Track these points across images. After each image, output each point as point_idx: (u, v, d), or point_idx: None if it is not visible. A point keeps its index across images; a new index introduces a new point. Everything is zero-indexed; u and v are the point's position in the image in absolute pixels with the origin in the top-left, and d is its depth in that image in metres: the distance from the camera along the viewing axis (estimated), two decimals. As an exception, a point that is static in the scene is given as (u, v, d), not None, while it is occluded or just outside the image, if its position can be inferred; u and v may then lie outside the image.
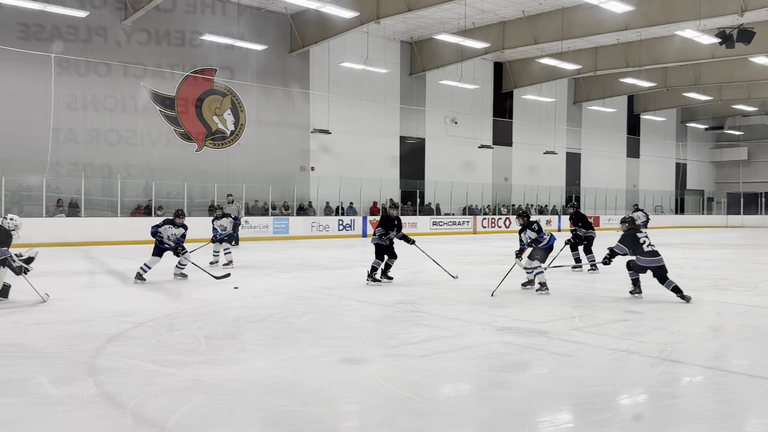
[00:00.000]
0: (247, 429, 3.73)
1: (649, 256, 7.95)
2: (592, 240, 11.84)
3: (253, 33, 20.87)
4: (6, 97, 17.15)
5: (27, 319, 6.60)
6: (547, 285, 8.66)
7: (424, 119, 27.25)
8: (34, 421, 3.65)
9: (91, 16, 17.71)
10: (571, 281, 10.21)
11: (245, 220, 19.32)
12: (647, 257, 7.96)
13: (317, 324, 6.65)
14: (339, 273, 11.33)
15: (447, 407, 4.17)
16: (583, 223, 11.82)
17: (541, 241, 8.86)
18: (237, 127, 21.84)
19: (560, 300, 8.22)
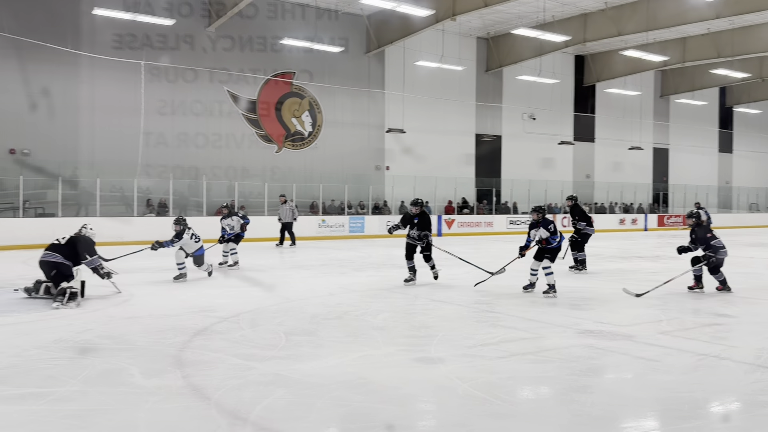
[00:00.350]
0: (326, 424, 3.79)
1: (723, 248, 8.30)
2: (588, 237, 11.42)
3: (330, 35, 21.23)
4: (101, 103, 18.26)
5: (120, 313, 7.00)
6: (555, 288, 8.25)
7: (501, 116, 26.82)
8: (126, 411, 3.86)
9: (178, 24, 18.56)
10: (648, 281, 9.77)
11: (322, 220, 19.70)
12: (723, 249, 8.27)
13: (393, 322, 6.69)
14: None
15: (525, 410, 4.09)
16: (581, 217, 11.38)
17: (551, 243, 8.46)
18: (314, 128, 22.29)
19: (646, 302, 7.87)
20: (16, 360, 4.94)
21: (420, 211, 9.56)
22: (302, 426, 3.68)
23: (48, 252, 7.58)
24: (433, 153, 24.35)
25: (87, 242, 7.81)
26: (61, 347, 5.37)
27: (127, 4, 17.42)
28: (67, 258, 7.53)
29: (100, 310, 7.10)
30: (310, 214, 21.07)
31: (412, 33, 20.96)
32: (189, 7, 19.15)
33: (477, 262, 10.83)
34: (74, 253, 7.61)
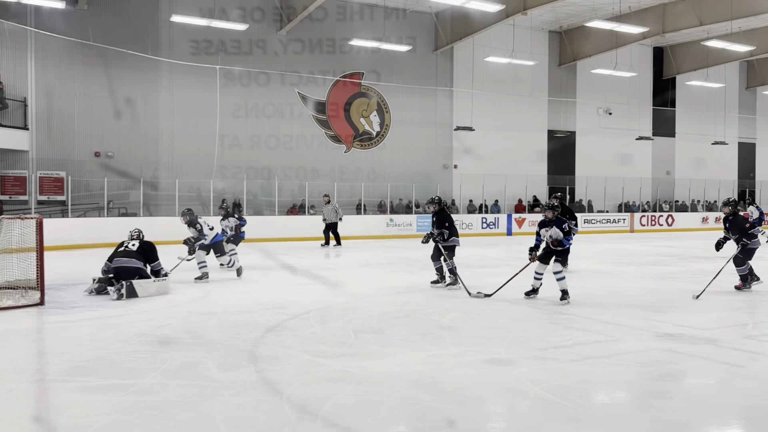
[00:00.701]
0: (395, 422, 3.80)
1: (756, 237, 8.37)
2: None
3: (398, 34, 21.29)
4: (180, 107, 19.06)
5: (197, 309, 7.27)
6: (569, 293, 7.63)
7: (575, 111, 26.10)
8: (203, 403, 4.00)
9: (251, 29, 19.13)
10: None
11: (390, 219, 19.77)
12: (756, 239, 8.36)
13: (461, 322, 6.62)
14: (482, 272, 11.20)
15: (601, 415, 3.96)
16: (570, 216, 10.88)
17: (566, 245, 7.79)
18: (382, 128, 22.42)
19: (731, 305, 7.46)
20: (101, 353, 5.21)
21: (437, 209, 9.18)
22: (371, 423, 3.70)
23: (125, 258, 8.14)
24: (502, 150, 23.99)
25: (153, 247, 8.42)
26: (142, 341, 5.63)
27: (203, 10, 18.08)
28: (143, 264, 8.18)
29: (179, 306, 7.40)
30: (378, 213, 21.21)
31: (482, 29, 20.70)
32: (261, 12, 19.70)
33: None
34: (146, 259, 8.23)
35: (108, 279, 8.15)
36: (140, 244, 8.35)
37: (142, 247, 8.32)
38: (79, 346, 5.42)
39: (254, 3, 19.61)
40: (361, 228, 19.67)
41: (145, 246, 8.36)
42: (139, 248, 8.28)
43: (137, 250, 8.26)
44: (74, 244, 14.67)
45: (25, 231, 7.69)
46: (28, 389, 4.26)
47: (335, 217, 16.27)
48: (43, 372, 4.71)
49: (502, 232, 22.02)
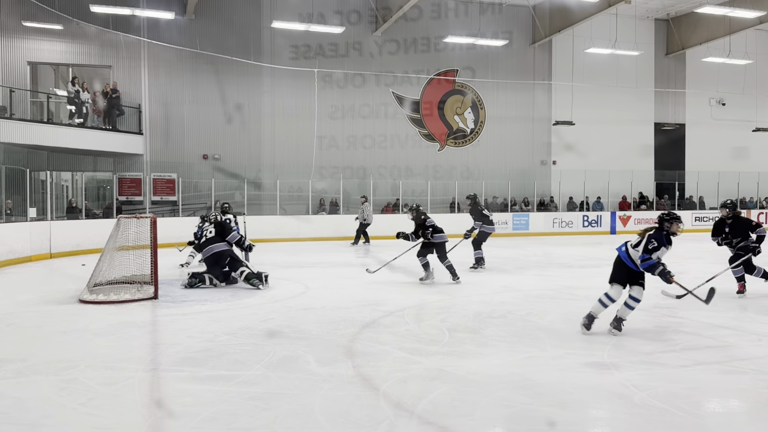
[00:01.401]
0: (491, 423, 3.74)
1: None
2: (487, 236, 10.73)
3: (494, 29, 21.01)
4: (281, 110, 19.80)
5: (297, 304, 7.51)
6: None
7: (684, 102, 24.59)
8: (303, 395, 4.13)
9: (348, 31, 19.57)
10: None
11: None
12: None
13: (561, 324, 6.42)
14: (584, 272, 10.80)
15: (712, 424, 3.71)
16: (477, 217, 10.74)
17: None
18: (477, 124, 22.15)
19: None
20: (209, 344, 5.51)
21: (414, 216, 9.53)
22: (467, 423, 3.67)
23: (210, 245, 8.90)
24: (604, 145, 23.03)
25: (224, 224, 9.20)
26: (247, 334, 5.90)
27: (302, 16, 18.74)
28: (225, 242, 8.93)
29: (280, 302, 7.68)
30: (473, 211, 20.98)
31: (582, 19, 19.95)
32: (357, 14, 20.09)
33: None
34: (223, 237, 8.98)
35: (200, 274, 8.82)
36: (215, 228, 9.08)
37: (217, 229, 9.05)
38: (189, 338, 5.76)
39: (351, 6, 20.01)
40: (455, 226, 19.48)
41: (218, 227, 9.08)
42: (215, 232, 9.02)
43: (215, 234, 9.00)
44: (185, 242, 15.56)
45: (140, 229, 8.27)
46: (143, 378, 4.58)
47: (370, 218, 16.73)
48: (157, 362, 5.04)
49: (605, 230, 21.14)
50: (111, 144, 17.30)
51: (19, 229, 12.33)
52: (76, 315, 6.89)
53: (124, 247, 8.25)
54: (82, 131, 16.48)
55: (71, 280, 9.26)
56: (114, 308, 7.23)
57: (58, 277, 10.54)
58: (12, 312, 7.09)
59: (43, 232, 12.99)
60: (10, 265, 11.56)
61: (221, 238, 8.98)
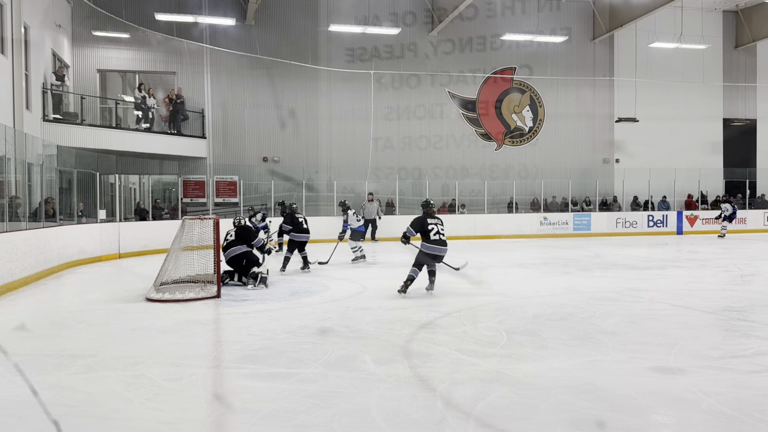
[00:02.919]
0: (552, 427, 3.67)
1: None
2: (300, 243, 10.55)
3: (552, 26, 20.63)
4: (337, 113, 20.03)
5: (354, 304, 7.57)
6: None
7: (755, 97, 23.45)
8: (361, 395, 4.15)
9: (403, 33, 19.62)
10: None
11: (543, 218, 19.13)
12: None
13: (624, 327, 6.22)
14: (649, 273, 10.44)
15: (789, 435, 3.52)
16: (287, 221, 10.56)
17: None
18: (535, 123, 21.77)
19: None
20: (269, 342, 5.62)
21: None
22: (527, 427, 3.61)
23: (230, 249, 9.22)
24: (670, 142, 22.24)
25: (248, 229, 9.46)
26: (305, 333, 5.98)
27: (357, 19, 18.90)
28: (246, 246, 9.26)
29: (338, 301, 7.76)
30: (530, 211, 20.65)
31: (645, 13, 19.34)
32: (413, 15, 20.10)
33: (728, 264, 9.59)
34: (245, 241, 9.29)
35: (230, 272, 9.23)
36: (236, 232, 9.36)
37: (239, 233, 9.34)
38: (250, 336, 5.89)
39: (406, 7, 20.04)
40: (513, 227, 19.28)
41: (241, 231, 9.36)
42: (237, 236, 9.32)
43: (236, 237, 9.31)
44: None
45: (204, 230, 8.52)
46: (206, 374, 4.71)
47: (376, 215, 16.99)
48: (219, 359, 5.17)
49: (671, 230, 20.40)
50: (176, 148, 17.92)
51: (90, 230, 12.91)
52: (143, 313, 7.15)
53: (188, 247, 8.52)
54: (149, 136, 17.15)
55: (139, 279, 9.63)
56: (179, 306, 7.47)
57: (126, 277, 10.98)
58: (83, 310, 7.43)
59: (112, 233, 13.56)
60: (81, 265, 12.12)
61: (241, 241, 9.27)
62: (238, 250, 9.23)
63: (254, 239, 9.37)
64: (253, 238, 9.36)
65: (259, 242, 9.35)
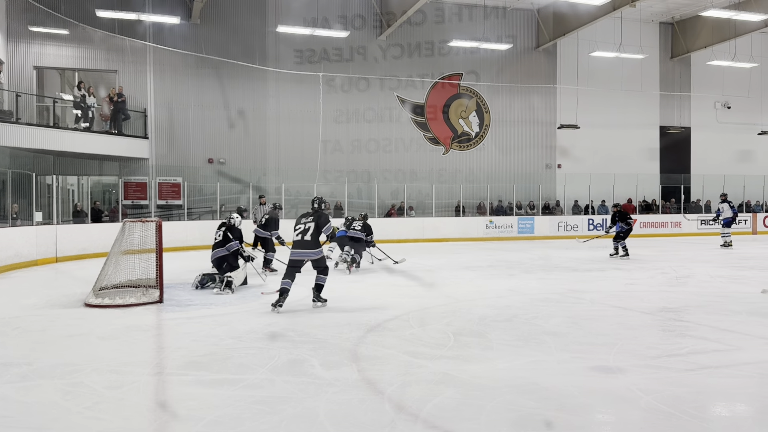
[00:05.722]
0: (497, 427, 3.73)
1: None
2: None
3: (498, 33, 21.04)
4: (285, 115, 19.86)
5: (303, 308, 7.51)
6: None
7: (689, 106, 24.54)
8: (308, 399, 4.12)
9: (352, 36, 19.64)
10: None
11: (489, 221, 19.50)
12: None
13: (566, 328, 6.40)
14: (589, 276, 10.77)
15: (718, 428, 3.69)
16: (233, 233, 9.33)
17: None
18: (482, 128, 22.16)
19: None
20: (214, 348, 5.51)
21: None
22: (472, 427, 3.66)
23: (215, 249, 9.05)
24: (610, 148, 23.02)
25: (234, 230, 9.20)
26: (252, 338, 5.90)
27: (306, 20, 18.80)
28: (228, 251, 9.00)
29: (285, 305, 7.67)
30: (477, 214, 20.98)
31: (587, 23, 19.97)
32: (362, 19, 20.14)
33: (664, 267, 9.97)
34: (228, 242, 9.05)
35: (211, 275, 9.02)
36: (223, 233, 9.13)
37: (225, 234, 9.12)
38: (194, 342, 5.76)
39: (355, 10, 20.06)
40: (460, 230, 19.56)
41: (226, 233, 9.13)
42: (224, 236, 9.11)
43: (223, 238, 9.10)
44: (190, 246, 15.62)
45: (145, 233, 8.29)
46: (148, 382, 4.58)
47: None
48: (162, 366, 5.04)
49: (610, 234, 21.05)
50: (116, 148, 17.37)
51: (25, 233, 12.39)
52: (81, 319, 6.91)
53: (129, 251, 8.27)
54: (88, 135, 16.56)
55: (77, 284, 9.29)
56: (119, 312, 7.25)
57: (63, 281, 10.57)
58: (18, 316, 7.12)
59: (49, 236, 13.05)
60: (16, 269, 11.60)
61: (227, 242, 9.09)
62: (219, 253, 9.03)
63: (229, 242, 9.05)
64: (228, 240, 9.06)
65: (231, 247, 9.03)
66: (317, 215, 7.49)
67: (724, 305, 7.55)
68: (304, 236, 7.37)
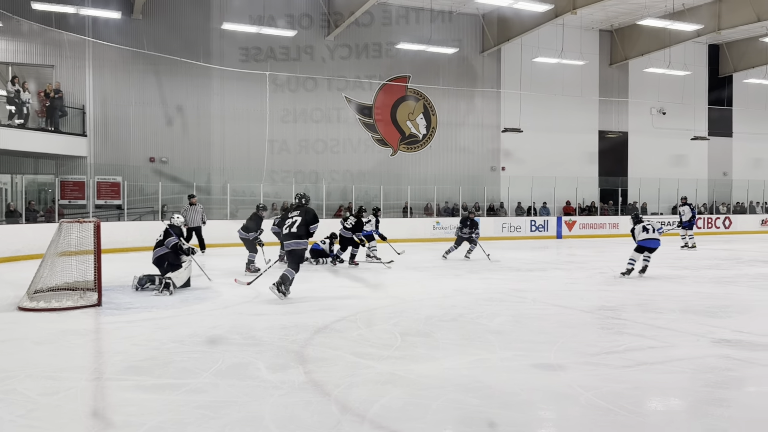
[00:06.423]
0: (442, 425, 3.78)
1: None
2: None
3: (444, 37, 21.26)
4: (230, 113, 19.52)
5: (248, 310, 7.41)
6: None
7: (627, 111, 25.47)
8: (253, 403, 4.07)
9: (299, 35, 19.46)
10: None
11: (436, 222, 19.69)
12: None
13: (510, 327, 6.54)
14: (532, 275, 11.03)
15: (654, 422, 3.84)
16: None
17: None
18: (429, 130, 22.38)
19: (795, 311, 7.13)
20: (155, 352, 5.37)
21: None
22: (418, 427, 3.69)
23: (156, 250, 8.89)
24: (551, 152, 23.62)
25: (174, 230, 9.04)
26: (195, 341, 5.77)
27: (252, 18, 18.51)
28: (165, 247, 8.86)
29: (230, 307, 7.55)
30: (424, 215, 21.17)
31: (530, 29, 20.46)
32: (309, 18, 20.00)
33: (602, 266, 10.31)
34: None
35: (150, 276, 8.83)
36: (164, 231, 9.00)
37: (165, 232, 8.98)
38: (135, 346, 5.60)
39: (302, 10, 19.91)
40: (407, 231, 19.68)
41: (167, 230, 8.98)
42: (163, 235, 8.96)
43: (163, 237, 8.96)
44: (130, 247, 15.17)
45: (83, 234, 7.98)
46: (85, 387, 4.42)
47: (200, 221, 14.87)
48: (100, 371, 4.88)
49: (551, 235, 21.66)
50: (53, 146, 16.68)
51: (-48, 234, 11.74)
52: (14, 323, 6.61)
53: (66, 252, 7.96)
54: (22, 132, 15.82)
55: (10, 287, 8.87)
56: (55, 316, 6.96)
57: (-6, 285, 10.07)
58: (-57, 321, 6.75)
59: (-22, 238, 12.41)
60: (-59, 272, 11.00)
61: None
62: (160, 252, 8.84)
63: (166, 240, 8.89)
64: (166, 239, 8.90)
65: (170, 242, 8.85)
66: (303, 210, 8.26)
67: (658, 303, 7.87)
68: (291, 229, 8.09)
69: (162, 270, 8.78)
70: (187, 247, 9.08)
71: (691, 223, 17.31)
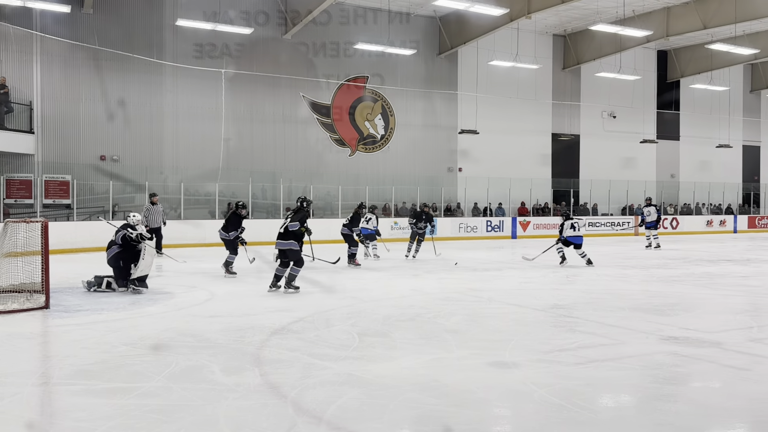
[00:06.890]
0: (399, 425, 3.79)
1: None
2: None
3: (402, 38, 21.33)
4: (184, 111, 19.12)
5: (202, 312, 7.28)
6: None
7: (579, 115, 26.07)
8: (208, 406, 4.00)
9: (256, 33, 19.19)
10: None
11: (394, 222, 19.76)
12: None
13: (466, 326, 6.61)
14: (487, 275, 11.19)
15: (605, 418, 3.94)
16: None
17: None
18: (387, 131, 22.43)
19: (735, 308, 7.43)
20: (105, 356, 5.22)
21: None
22: (375, 427, 3.70)
23: (109, 250, 8.75)
24: (506, 154, 23.98)
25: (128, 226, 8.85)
26: (147, 344, 5.64)
27: (207, 14, 18.17)
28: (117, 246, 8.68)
29: (183, 309, 7.41)
30: (382, 216, 21.20)
31: (486, 33, 20.72)
32: (266, 16, 19.75)
33: (555, 266, 10.53)
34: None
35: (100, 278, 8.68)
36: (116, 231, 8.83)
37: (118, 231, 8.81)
38: (84, 350, 5.44)
39: (258, 7, 19.65)
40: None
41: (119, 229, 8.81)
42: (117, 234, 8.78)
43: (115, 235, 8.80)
44: (80, 248, 14.73)
45: (30, 234, 7.71)
46: (32, 392, 4.27)
47: (160, 221, 14.31)
48: (48, 375, 4.72)
49: (506, 235, 21.99)
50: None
51: None
52: (-47, 328, 6.33)
53: (11, 253, 7.66)
54: (-37, 128, 15.18)
55: (-52, 290, 8.49)
56: (0, 319, 6.71)
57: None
58: None
59: None
60: None
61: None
62: (114, 250, 8.64)
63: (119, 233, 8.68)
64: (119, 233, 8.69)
65: (119, 237, 8.63)
66: (297, 212, 8.86)
67: (609, 302, 8.09)
68: (280, 229, 8.65)
69: (120, 270, 8.56)
70: (137, 234, 8.71)
71: (656, 223, 17.73)
